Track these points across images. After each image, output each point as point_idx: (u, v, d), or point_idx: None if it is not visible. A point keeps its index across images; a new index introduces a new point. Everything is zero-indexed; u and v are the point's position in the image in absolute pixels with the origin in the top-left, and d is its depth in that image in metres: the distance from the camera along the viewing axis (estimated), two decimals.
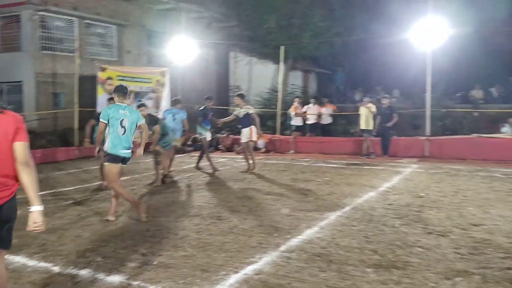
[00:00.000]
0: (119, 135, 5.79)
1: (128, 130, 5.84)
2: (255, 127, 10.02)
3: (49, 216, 6.25)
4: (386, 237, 5.27)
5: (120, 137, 5.80)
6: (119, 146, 5.81)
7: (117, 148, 5.81)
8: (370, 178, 9.39)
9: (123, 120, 5.80)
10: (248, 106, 10.17)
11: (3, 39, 15.28)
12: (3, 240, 3.03)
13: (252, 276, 4.10)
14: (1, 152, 2.88)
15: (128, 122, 5.84)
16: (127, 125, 5.82)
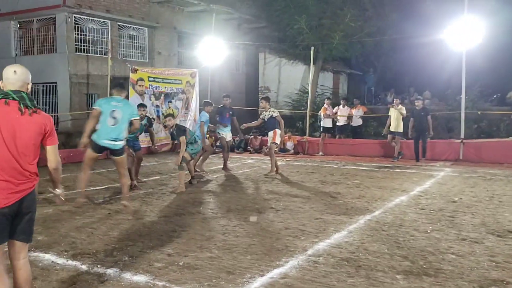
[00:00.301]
0: (108, 125, 5.94)
1: (119, 122, 5.94)
2: (279, 130, 9.85)
3: (79, 215, 6.37)
4: (418, 243, 5.11)
5: (108, 127, 5.94)
6: (105, 136, 5.97)
7: (101, 138, 5.96)
8: (401, 182, 9.17)
9: (114, 111, 5.93)
10: (273, 109, 10.00)
11: (39, 41, 15.71)
12: (25, 232, 3.13)
13: (278, 279, 4.03)
14: (28, 148, 3.05)
15: (120, 115, 5.93)
16: (118, 117, 5.93)
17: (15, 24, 16.06)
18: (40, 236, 5.29)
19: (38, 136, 3.11)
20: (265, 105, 9.95)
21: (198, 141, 8.59)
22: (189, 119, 15.10)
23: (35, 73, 14.75)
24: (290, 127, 17.20)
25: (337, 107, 14.93)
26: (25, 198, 3.05)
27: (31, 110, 3.05)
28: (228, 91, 19.93)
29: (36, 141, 3.10)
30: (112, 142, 6.07)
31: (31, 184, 3.09)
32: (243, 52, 22.30)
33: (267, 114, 9.80)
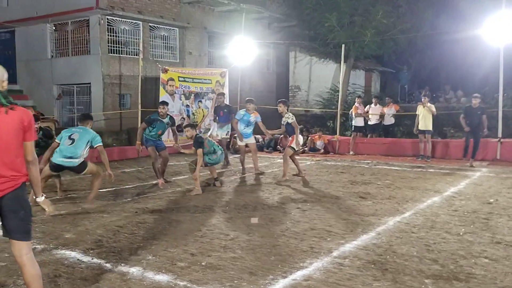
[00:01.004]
0: (64, 145, 6.55)
1: (76, 143, 6.55)
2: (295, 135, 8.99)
3: (107, 213, 6.45)
4: (449, 246, 4.91)
5: (65, 148, 6.54)
6: (60, 156, 6.55)
7: (55, 156, 6.57)
8: (434, 182, 8.88)
9: (72, 134, 6.63)
10: (288, 114, 9.09)
11: (74, 43, 16.10)
12: (18, 231, 3.11)
13: (301, 282, 3.94)
14: (9, 147, 3.02)
15: (77, 137, 6.59)
16: (76, 138, 6.57)
17: (50, 27, 16.51)
18: (67, 234, 5.39)
19: (19, 132, 3.07)
20: (283, 109, 9.15)
21: (217, 151, 8.23)
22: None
23: (70, 74, 15.21)
24: (321, 126, 17.02)
25: (368, 105, 14.63)
26: (6, 196, 3.03)
27: (7, 108, 3.03)
28: (259, 90, 20.04)
29: (18, 138, 3.06)
30: (67, 159, 6.57)
31: (14, 183, 3.05)
32: (273, 51, 22.21)
33: (284, 119, 9.16)
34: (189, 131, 8.17)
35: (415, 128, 12.47)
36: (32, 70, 17.09)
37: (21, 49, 17.44)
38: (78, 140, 6.58)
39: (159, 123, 8.56)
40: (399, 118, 15.27)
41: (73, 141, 6.57)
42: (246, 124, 9.87)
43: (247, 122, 9.86)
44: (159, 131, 8.62)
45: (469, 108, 11.50)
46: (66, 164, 6.58)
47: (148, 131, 8.58)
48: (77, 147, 6.56)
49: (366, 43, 16.11)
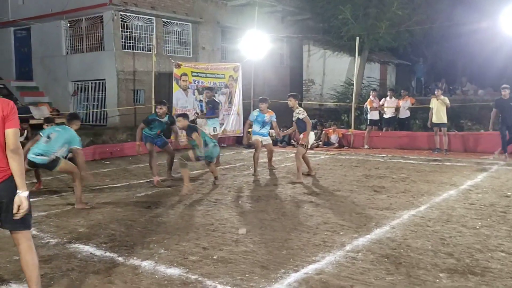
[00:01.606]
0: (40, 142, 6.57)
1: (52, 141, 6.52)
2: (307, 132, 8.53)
3: (121, 207, 6.49)
4: (465, 240, 4.82)
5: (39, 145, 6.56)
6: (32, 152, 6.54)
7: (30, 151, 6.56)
8: (451, 176, 8.74)
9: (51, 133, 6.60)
10: (299, 109, 8.63)
11: (88, 40, 16.22)
12: (9, 221, 3.11)
13: (313, 275, 3.90)
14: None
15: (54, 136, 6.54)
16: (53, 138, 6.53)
17: (65, 23, 16.66)
18: (81, 228, 5.43)
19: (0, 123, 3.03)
20: (293, 104, 8.65)
21: (209, 144, 7.82)
22: (232, 113, 15.10)
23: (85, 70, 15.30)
24: (335, 119, 16.88)
25: (383, 99, 14.45)
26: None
27: None
28: (272, 84, 19.97)
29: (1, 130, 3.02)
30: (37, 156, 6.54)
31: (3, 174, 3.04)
32: (287, 45, 22.09)
33: (295, 114, 8.66)
34: (181, 121, 7.74)
35: (429, 122, 12.31)
36: (48, 67, 17.28)
37: (37, 46, 17.65)
38: (54, 140, 6.52)
39: (157, 123, 8.38)
40: (415, 111, 15.06)
41: (49, 140, 6.52)
42: (261, 125, 9.28)
43: (262, 123, 9.27)
44: (158, 131, 8.45)
45: (500, 100, 11.01)
46: (36, 161, 6.51)
47: (148, 131, 8.40)
48: (50, 146, 6.50)
49: (380, 35, 15.90)
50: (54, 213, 6.18)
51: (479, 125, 14.58)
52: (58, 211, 6.34)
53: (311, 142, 9.00)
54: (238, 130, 15.07)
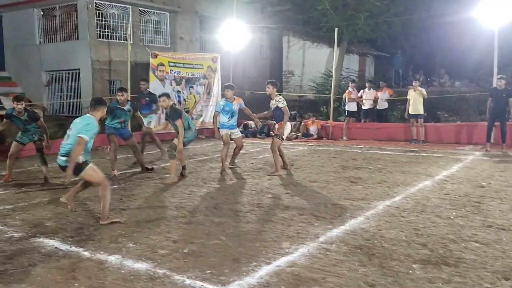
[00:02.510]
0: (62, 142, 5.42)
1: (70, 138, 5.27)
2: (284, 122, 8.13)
3: (90, 200, 6.30)
4: (439, 230, 4.79)
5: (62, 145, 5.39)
6: None
7: None
8: (426, 166, 8.76)
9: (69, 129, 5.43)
10: (279, 97, 8.19)
11: (62, 29, 15.78)
12: None
13: (285, 268, 3.81)
14: None
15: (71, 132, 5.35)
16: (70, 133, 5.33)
17: (38, 12, 16.17)
18: (48, 222, 5.24)
19: None
20: (271, 91, 8.18)
21: (192, 128, 7.85)
22: (211, 104, 14.91)
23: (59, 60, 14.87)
24: (314, 111, 16.83)
25: (362, 90, 14.44)
26: None
27: None
28: (252, 76, 19.80)
29: None
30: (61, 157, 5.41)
31: None
32: (267, 36, 21.92)
33: (273, 102, 8.18)
34: (165, 101, 7.58)
35: (406, 113, 12.38)
36: (20, 56, 16.78)
37: (9, 35, 17.09)
38: (71, 136, 5.32)
39: (119, 111, 8.12)
40: (393, 102, 15.09)
41: (68, 137, 5.39)
42: (230, 115, 8.51)
43: (230, 112, 8.50)
44: (121, 119, 8.17)
45: (494, 90, 10.95)
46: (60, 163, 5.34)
47: (109, 120, 8.11)
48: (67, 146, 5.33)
49: (359, 26, 15.86)
50: (20, 207, 5.96)
51: (455, 116, 14.72)
52: (25, 204, 6.12)
53: (287, 133, 8.56)
54: None
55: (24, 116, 7.57)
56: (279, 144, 8.30)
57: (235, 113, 8.64)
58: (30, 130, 7.66)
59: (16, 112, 7.51)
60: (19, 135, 7.72)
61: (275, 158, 8.23)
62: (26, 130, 7.65)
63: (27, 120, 7.59)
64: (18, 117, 7.55)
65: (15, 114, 7.54)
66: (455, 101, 15.41)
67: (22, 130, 7.67)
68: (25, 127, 7.62)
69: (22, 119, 7.55)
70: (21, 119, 7.55)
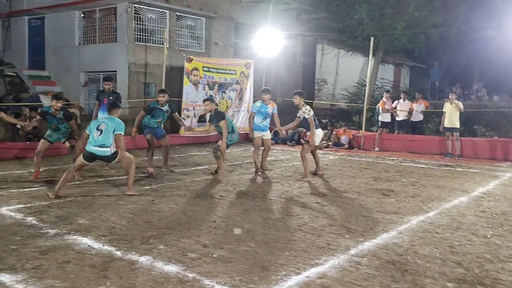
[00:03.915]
0: (94, 137, 6.57)
1: (104, 132, 6.56)
2: (316, 129, 8.42)
3: (124, 200, 6.39)
4: (475, 249, 4.64)
5: (94, 138, 6.56)
6: (90, 145, 6.58)
7: (88, 146, 6.60)
8: (462, 182, 8.53)
9: (100, 125, 6.64)
10: (306, 108, 8.41)
11: (101, 31, 16.19)
12: None
13: (314, 279, 3.76)
14: None
15: (104, 127, 6.59)
16: (103, 129, 6.57)
17: (79, 14, 16.64)
18: (81, 220, 5.34)
19: None
20: (299, 101, 8.44)
21: (235, 131, 8.42)
22: (242, 110, 14.98)
23: (97, 61, 15.26)
24: (346, 120, 16.67)
25: (397, 101, 14.20)
26: None
27: None
28: (284, 82, 19.80)
29: None
30: (98, 148, 6.58)
31: None
32: (301, 43, 21.90)
33: (301, 112, 8.46)
34: (208, 105, 8.17)
35: (441, 126, 12.12)
36: (60, 56, 17.29)
37: (50, 35, 17.66)
38: (106, 131, 6.58)
39: (158, 111, 8.50)
40: (428, 115, 14.81)
41: (101, 132, 6.58)
42: (264, 117, 9.04)
43: (264, 114, 9.02)
44: (158, 119, 8.56)
45: None
46: (99, 153, 6.57)
47: (148, 119, 8.53)
48: (106, 138, 6.56)
49: (396, 36, 15.62)
50: (56, 203, 6.10)
51: (493, 131, 14.30)
52: (60, 201, 6.26)
53: (318, 141, 8.77)
54: (248, 127, 14.92)
55: (60, 114, 7.83)
56: (308, 151, 8.55)
57: (269, 115, 9.16)
58: (61, 129, 7.91)
59: (53, 110, 7.76)
60: (48, 133, 7.96)
61: (304, 164, 8.46)
62: (57, 129, 7.89)
63: (61, 118, 7.86)
64: (53, 115, 7.80)
65: (51, 112, 7.78)
66: (493, 115, 14.98)
67: (54, 129, 7.88)
68: (57, 125, 7.85)
69: (57, 117, 7.81)
70: (56, 117, 7.80)
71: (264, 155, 9.42)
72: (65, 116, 7.87)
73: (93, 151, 6.54)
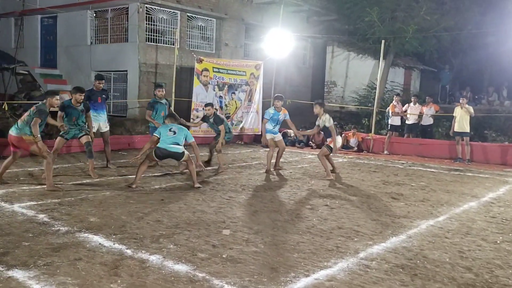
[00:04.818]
0: (168, 136, 7.39)
1: (177, 134, 7.46)
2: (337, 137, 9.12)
3: (134, 199, 6.44)
4: (484, 254, 4.63)
5: (168, 137, 7.38)
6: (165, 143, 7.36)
7: (162, 144, 7.38)
8: (472, 187, 8.48)
9: (172, 128, 7.46)
10: (325, 117, 8.89)
11: (113, 31, 16.29)
12: None
13: (324, 281, 3.77)
14: None
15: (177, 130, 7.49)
16: (176, 131, 7.48)
17: (91, 14, 16.76)
18: (92, 218, 5.39)
19: None
20: (319, 111, 8.95)
21: (231, 130, 9.85)
22: (251, 111, 15.02)
23: (108, 61, 15.32)
24: (355, 123, 16.64)
25: (407, 104, 14.15)
26: None
27: None
28: (294, 84, 19.81)
29: None
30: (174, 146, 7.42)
31: None
32: (311, 46, 21.88)
33: (321, 121, 8.95)
34: (210, 110, 9.16)
35: (451, 130, 12.05)
36: (72, 55, 17.42)
37: (62, 34, 17.80)
38: (178, 133, 7.43)
39: (159, 105, 9.12)
40: (438, 119, 14.74)
41: (175, 133, 7.41)
42: (275, 123, 9.45)
43: (276, 121, 9.45)
44: (162, 113, 9.04)
45: None
46: (173, 150, 7.32)
47: (154, 116, 9.05)
48: (178, 138, 7.41)
49: (407, 39, 15.57)
50: (67, 201, 6.16)
51: (503, 136, 14.21)
52: (71, 199, 6.32)
53: (338, 146, 9.33)
54: (256, 129, 14.96)
55: (81, 106, 8.05)
56: (326, 153, 9.07)
57: (280, 121, 9.62)
58: (79, 124, 8.05)
59: (75, 102, 7.94)
60: (66, 129, 7.99)
61: (324, 164, 9.01)
62: (76, 123, 8.02)
63: (82, 110, 8.06)
64: (74, 107, 7.97)
65: (71, 104, 7.96)
66: (504, 120, 14.90)
67: (73, 122, 8.01)
68: (77, 119, 8.00)
69: (78, 109, 8.00)
70: (77, 109, 8.00)
71: (279, 155, 9.82)
72: (85, 108, 8.16)
73: (168, 148, 7.32)
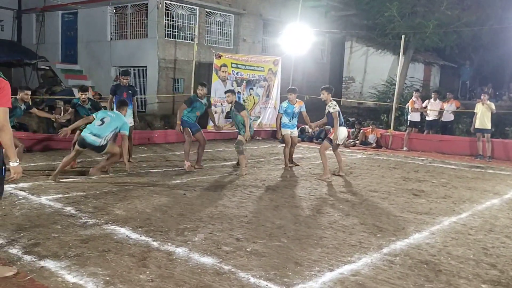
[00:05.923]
0: (94, 125, 7.29)
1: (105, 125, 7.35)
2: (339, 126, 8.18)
3: (157, 193, 6.54)
4: (509, 251, 4.60)
5: (93, 126, 7.30)
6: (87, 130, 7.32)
7: (84, 130, 7.35)
8: (494, 184, 8.40)
9: (105, 118, 7.34)
10: (331, 103, 8.20)
11: (132, 27, 16.44)
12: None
13: (348, 276, 3.80)
14: None
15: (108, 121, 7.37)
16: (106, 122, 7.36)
17: (111, 10, 16.94)
18: (118, 211, 5.49)
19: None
20: (326, 97, 8.25)
21: (251, 125, 8.61)
22: (269, 106, 15.04)
23: (127, 56, 15.48)
24: (374, 119, 16.56)
25: (427, 100, 14.01)
26: None
27: None
28: (311, 80, 19.76)
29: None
30: None
31: None
32: (329, 41, 21.79)
33: (327, 108, 8.26)
34: (230, 97, 8.59)
35: (472, 127, 11.92)
36: (92, 51, 17.64)
37: (83, 30, 18.02)
38: (107, 124, 7.26)
39: (198, 104, 8.65)
40: (459, 115, 14.57)
41: (102, 123, 7.26)
42: (291, 116, 9.21)
43: (291, 114, 9.19)
44: (197, 112, 8.70)
45: None
46: (88, 140, 7.17)
47: (187, 112, 8.61)
48: (103, 130, 7.23)
49: (427, 35, 15.40)
50: (92, 194, 6.29)
51: None
52: (96, 192, 6.45)
53: (342, 138, 8.47)
54: (274, 124, 14.98)
55: (88, 105, 8.26)
56: (327, 148, 8.33)
57: (296, 114, 9.34)
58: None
59: (81, 101, 8.23)
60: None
61: (323, 161, 8.27)
62: (201, 114, 8.57)
63: (90, 109, 8.24)
64: (82, 106, 8.26)
65: (80, 103, 8.25)
66: None
67: (198, 115, 8.59)
68: (88, 115, 8.07)
69: (86, 107, 8.25)
70: (85, 107, 8.25)
71: (291, 151, 9.55)
72: (93, 106, 8.31)
73: (85, 136, 7.15)
